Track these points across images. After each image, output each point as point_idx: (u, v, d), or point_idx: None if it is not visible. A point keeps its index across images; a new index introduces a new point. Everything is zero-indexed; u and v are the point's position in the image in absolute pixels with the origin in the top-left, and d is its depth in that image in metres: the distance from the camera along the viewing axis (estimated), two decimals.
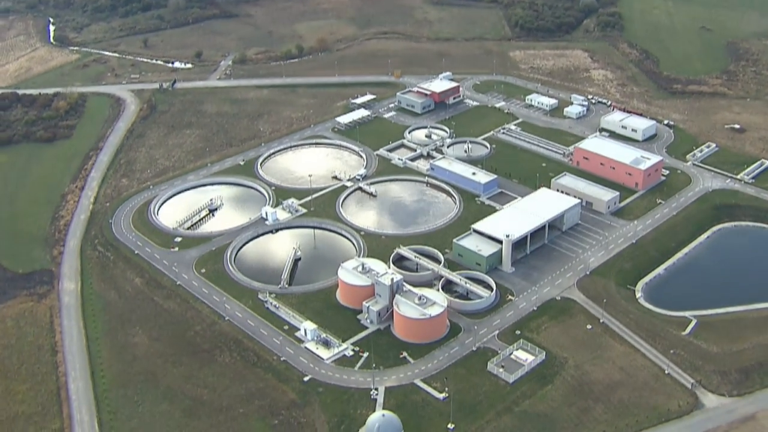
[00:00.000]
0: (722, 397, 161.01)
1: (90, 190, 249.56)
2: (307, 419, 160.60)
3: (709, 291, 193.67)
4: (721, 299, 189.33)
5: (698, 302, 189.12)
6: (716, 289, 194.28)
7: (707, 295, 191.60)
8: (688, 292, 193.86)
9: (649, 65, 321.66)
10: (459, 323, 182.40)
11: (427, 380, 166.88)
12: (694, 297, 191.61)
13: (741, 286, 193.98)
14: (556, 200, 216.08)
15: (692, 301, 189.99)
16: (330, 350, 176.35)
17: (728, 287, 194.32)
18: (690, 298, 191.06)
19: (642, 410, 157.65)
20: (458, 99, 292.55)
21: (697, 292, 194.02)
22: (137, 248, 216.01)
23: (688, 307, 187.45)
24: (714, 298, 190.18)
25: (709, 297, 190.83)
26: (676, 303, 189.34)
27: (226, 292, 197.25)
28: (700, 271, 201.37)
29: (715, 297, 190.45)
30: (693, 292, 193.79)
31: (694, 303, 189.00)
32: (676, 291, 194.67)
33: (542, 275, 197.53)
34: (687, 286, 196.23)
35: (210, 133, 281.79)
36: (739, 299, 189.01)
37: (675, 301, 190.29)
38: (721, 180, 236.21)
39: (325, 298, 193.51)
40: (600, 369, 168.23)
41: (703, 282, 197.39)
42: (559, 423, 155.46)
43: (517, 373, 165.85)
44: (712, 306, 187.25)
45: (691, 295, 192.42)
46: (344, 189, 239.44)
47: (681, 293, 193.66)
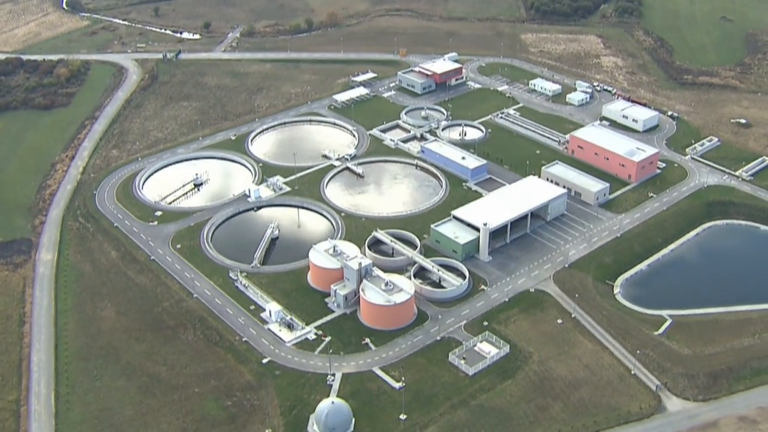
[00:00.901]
0: (686, 401, 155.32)
1: (80, 159, 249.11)
2: (260, 402, 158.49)
3: (690, 290, 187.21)
4: (700, 300, 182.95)
5: (677, 301, 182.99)
6: (697, 288, 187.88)
7: (687, 295, 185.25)
8: (668, 291, 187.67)
9: (662, 54, 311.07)
10: (427, 311, 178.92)
11: (385, 368, 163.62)
12: (674, 296, 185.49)
13: (723, 287, 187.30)
14: (543, 189, 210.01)
15: (671, 299, 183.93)
16: (292, 333, 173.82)
17: (710, 287, 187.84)
18: (669, 297, 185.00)
19: (601, 411, 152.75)
20: (460, 80, 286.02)
21: (677, 290, 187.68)
22: (117, 221, 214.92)
23: (666, 306, 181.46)
24: (694, 298, 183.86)
25: (688, 297, 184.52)
26: (654, 301, 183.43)
27: (198, 269, 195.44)
28: (683, 270, 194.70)
29: (695, 297, 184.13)
30: (673, 291, 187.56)
31: (672, 302, 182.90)
32: (656, 289, 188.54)
33: (519, 266, 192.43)
34: (668, 284, 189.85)
35: (207, 106, 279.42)
36: (719, 300, 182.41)
37: (653, 299, 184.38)
38: (718, 176, 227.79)
39: (296, 279, 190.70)
40: (564, 366, 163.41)
41: (685, 281, 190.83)
42: (515, 419, 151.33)
43: (478, 366, 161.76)
44: (691, 306, 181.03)
45: (670, 294, 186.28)
46: (332, 168, 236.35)
47: (660, 291, 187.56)
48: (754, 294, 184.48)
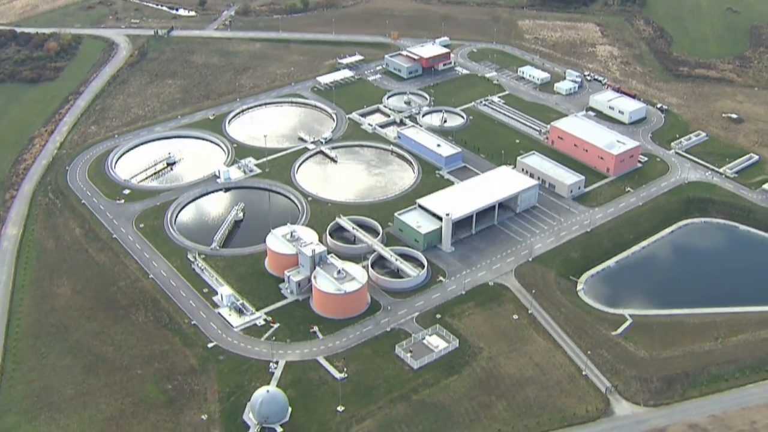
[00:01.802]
0: (636, 405, 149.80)
1: (59, 134, 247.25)
2: (200, 387, 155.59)
3: (656, 290, 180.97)
4: (666, 300, 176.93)
5: (641, 301, 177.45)
6: (664, 289, 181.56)
7: (652, 295, 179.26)
8: (634, 290, 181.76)
9: (660, 45, 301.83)
10: (381, 301, 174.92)
11: (330, 358, 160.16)
12: (639, 295, 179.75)
13: (692, 288, 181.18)
14: (514, 180, 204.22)
15: (635, 299, 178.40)
16: (241, 318, 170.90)
17: (678, 288, 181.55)
18: (633, 296, 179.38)
19: (546, 411, 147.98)
20: (449, 65, 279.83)
21: (642, 290, 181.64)
22: (85, 198, 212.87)
23: (629, 306, 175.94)
24: (659, 298, 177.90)
25: (654, 297, 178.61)
26: (617, 300, 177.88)
27: (158, 249, 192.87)
28: (652, 268, 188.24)
29: (660, 297, 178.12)
30: (638, 290, 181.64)
31: (636, 301, 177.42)
32: (621, 287, 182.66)
33: (481, 258, 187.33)
34: (634, 283, 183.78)
35: (191, 84, 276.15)
36: (685, 302, 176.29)
37: (617, 297, 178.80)
38: (701, 172, 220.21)
39: (254, 263, 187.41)
40: (514, 363, 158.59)
41: (652, 280, 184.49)
42: (455, 417, 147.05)
43: (424, 360, 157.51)
44: (655, 306, 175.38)
45: (635, 293, 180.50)
46: (306, 151, 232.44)
47: (625, 290, 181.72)
48: (723, 296, 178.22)
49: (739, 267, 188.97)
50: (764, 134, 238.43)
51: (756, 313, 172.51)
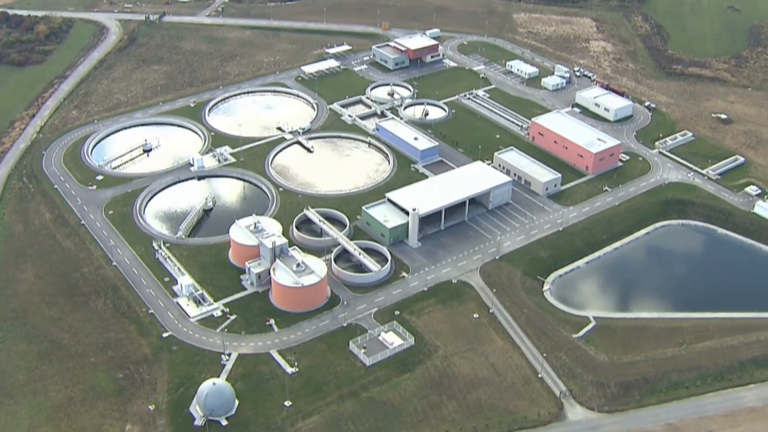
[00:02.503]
0: (590, 411, 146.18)
1: (40, 119, 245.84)
2: (151, 377, 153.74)
3: (625, 293, 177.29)
4: (633, 303, 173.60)
5: (607, 303, 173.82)
6: (633, 291, 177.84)
7: (620, 297, 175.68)
8: (601, 291, 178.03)
9: (656, 42, 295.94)
10: (341, 296, 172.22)
11: (283, 352, 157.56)
12: (606, 297, 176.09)
13: (662, 292, 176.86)
14: (487, 176, 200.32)
15: (601, 301, 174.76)
16: (199, 308, 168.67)
17: (647, 291, 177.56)
18: (600, 298, 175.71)
19: (496, 414, 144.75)
20: (437, 58, 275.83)
21: (610, 292, 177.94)
22: (58, 183, 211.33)
23: (595, 308, 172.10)
24: (627, 301, 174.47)
25: (621, 299, 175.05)
26: (583, 301, 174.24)
27: (124, 236, 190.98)
28: (623, 270, 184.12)
29: (628, 300, 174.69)
30: (606, 292, 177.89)
31: (602, 304, 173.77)
32: (589, 288, 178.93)
33: (448, 254, 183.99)
34: (603, 285, 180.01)
35: (176, 70, 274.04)
36: (653, 306, 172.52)
37: (583, 299, 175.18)
38: (683, 172, 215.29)
39: (217, 253, 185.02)
40: (469, 363, 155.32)
41: (621, 282, 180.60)
42: (403, 416, 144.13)
43: (377, 357, 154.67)
44: (621, 309, 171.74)
45: (602, 295, 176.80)
46: (283, 141, 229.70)
47: (593, 291, 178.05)
48: (693, 301, 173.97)
49: (713, 271, 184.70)
50: (752, 136, 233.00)
51: (724, 320, 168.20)
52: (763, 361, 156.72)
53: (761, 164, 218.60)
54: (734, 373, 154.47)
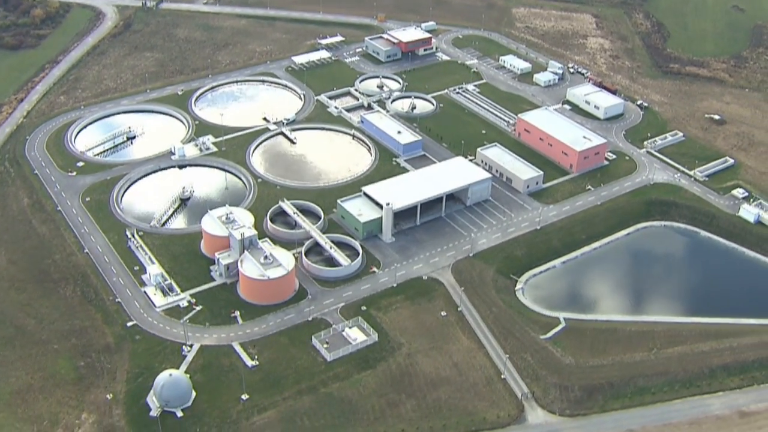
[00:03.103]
0: (551, 414, 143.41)
1: (28, 103, 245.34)
2: (112, 366, 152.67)
3: (599, 294, 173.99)
4: (606, 305, 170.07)
5: (580, 305, 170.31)
6: (608, 293, 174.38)
7: (594, 299, 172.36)
8: (575, 292, 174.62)
9: (655, 40, 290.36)
10: (309, 289, 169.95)
11: (245, 344, 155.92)
12: (579, 298, 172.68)
13: (637, 295, 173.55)
14: (467, 172, 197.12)
15: (574, 302, 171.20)
16: (165, 298, 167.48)
17: (622, 293, 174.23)
18: (573, 299, 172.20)
19: (455, 414, 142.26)
20: (429, 51, 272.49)
21: (585, 293, 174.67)
22: (39, 168, 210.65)
23: (567, 309, 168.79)
24: (600, 303, 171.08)
25: (595, 301, 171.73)
26: (556, 302, 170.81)
27: (99, 224, 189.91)
28: (599, 271, 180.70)
29: (601, 302, 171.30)
30: (580, 293, 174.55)
31: (575, 305, 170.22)
32: (562, 288, 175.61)
33: (421, 250, 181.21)
34: (577, 286, 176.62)
35: (168, 58, 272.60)
36: (627, 308, 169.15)
37: (556, 299, 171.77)
38: (670, 173, 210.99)
39: (190, 243, 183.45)
40: (432, 362, 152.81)
41: (597, 283, 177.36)
42: (359, 413, 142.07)
43: (339, 352, 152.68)
44: (594, 311, 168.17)
45: (576, 296, 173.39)
46: (266, 131, 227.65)
47: (566, 292, 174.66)
48: (668, 305, 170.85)
49: (691, 275, 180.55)
50: (745, 137, 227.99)
51: (698, 325, 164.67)
52: (734, 369, 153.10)
53: (751, 166, 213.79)
54: (703, 379, 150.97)
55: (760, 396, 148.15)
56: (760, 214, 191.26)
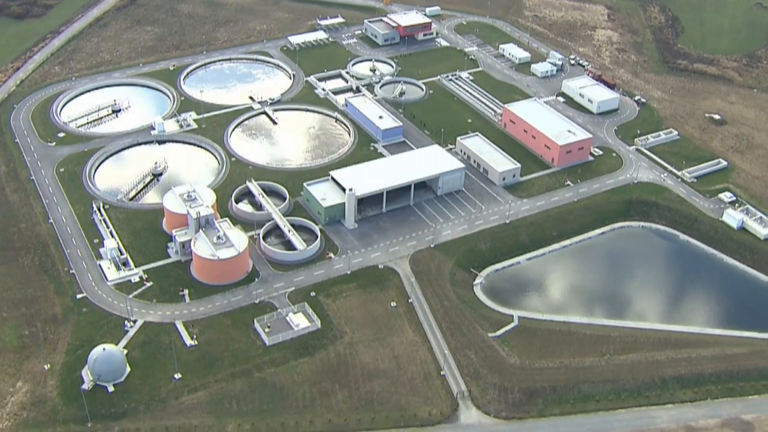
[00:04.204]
0: (486, 415, 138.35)
1: (24, 72, 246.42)
2: (54, 337, 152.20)
3: (560, 294, 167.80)
4: (565, 305, 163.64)
5: (538, 303, 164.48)
6: (570, 293, 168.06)
7: (554, 298, 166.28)
8: (535, 290, 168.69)
9: (667, 34, 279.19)
10: (261, 272, 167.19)
11: (187, 323, 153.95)
12: (538, 296, 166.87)
13: (600, 296, 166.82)
14: (440, 161, 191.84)
15: (532, 300, 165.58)
16: (118, 273, 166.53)
17: (584, 294, 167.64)
18: (532, 297, 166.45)
19: (386, 408, 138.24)
20: (429, 36, 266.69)
21: (545, 291, 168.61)
22: (20, 137, 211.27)
23: (523, 307, 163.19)
24: (559, 302, 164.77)
25: (554, 300, 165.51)
26: (513, 299, 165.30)
27: (68, 195, 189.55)
28: (566, 270, 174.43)
29: (561, 302, 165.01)
30: (540, 291, 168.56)
31: (532, 303, 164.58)
32: (523, 286, 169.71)
33: (382, 238, 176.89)
34: (539, 283, 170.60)
35: (167, 33, 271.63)
36: (586, 310, 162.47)
37: (514, 296, 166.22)
38: (656, 172, 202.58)
39: (153, 219, 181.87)
40: (372, 353, 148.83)
41: (561, 283, 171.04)
42: (289, 400, 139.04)
43: (278, 337, 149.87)
44: (551, 311, 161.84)
45: (535, 294, 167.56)
46: (250, 110, 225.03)
47: (526, 289, 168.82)
48: (631, 310, 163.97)
49: (662, 280, 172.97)
50: (743, 139, 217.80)
51: (659, 332, 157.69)
52: (688, 381, 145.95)
53: (744, 170, 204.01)
54: (653, 390, 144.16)
55: (711, 411, 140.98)
56: (744, 219, 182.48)
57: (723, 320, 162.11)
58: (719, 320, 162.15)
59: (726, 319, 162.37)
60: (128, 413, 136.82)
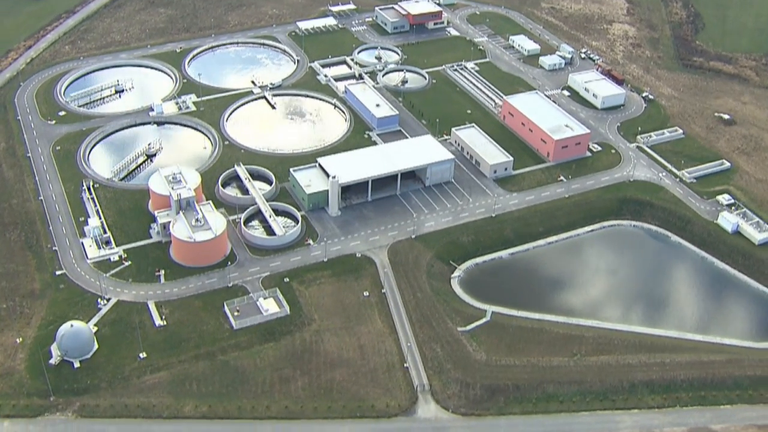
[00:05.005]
0: (444, 410, 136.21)
1: (35, 50, 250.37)
2: (30, 311, 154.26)
3: (539, 291, 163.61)
4: (541, 303, 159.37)
5: (514, 300, 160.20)
6: (550, 291, 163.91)
7: (532, 295, 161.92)
8: (514, 286, 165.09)
9: (686, 31, 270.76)
10: (238, 255, 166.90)
11: (159, 304, 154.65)
12: (517, 293, 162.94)
13: (578, 296, 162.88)
14: (429, 151, 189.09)
15: (509, 296, 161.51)
16: (98, 251, 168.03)
17: (564, 292, 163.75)
18: (510, 293, 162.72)
19: (344, 398, 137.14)
20: (440, 25, 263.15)
21: (524, 288, 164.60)
22: (22, 114, 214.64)
23: (500, 302, 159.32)
24: (536, 300, 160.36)
25: (531, 297, 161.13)
26: (490, 294, 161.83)
27: (61, 173, 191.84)
28: (548, 267, 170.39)
29: (538, 299, 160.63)
30: (518, 287, 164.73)
31: (508, 299, 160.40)
32: (502, 281, 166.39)
33: (363, 227, 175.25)
34: (519, 280, 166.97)
35: (179, 15, 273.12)
36: (563, 309, 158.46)
37: (491, 291, 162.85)
38: (655, 171, 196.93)
39: (140, 200, 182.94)
40: (338, 342, 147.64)
41: (542, 279, 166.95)
42: (249, 385, 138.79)
43: (246, 321, 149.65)
44: (527, 308, 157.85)
45: (514, 290, 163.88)
46: (250, 95, 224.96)
47: (505, 285, 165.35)
48: (610, 310, 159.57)
49: (646, 281, 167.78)
50: (751, 140, 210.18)
51: (635, 335, 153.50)
52: (658, 386, 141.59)
53: (748, 172, 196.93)
54: (620, 394, 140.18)
55: (679, 419, 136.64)
56: (739, 223, 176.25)
57: (705, 326, 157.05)
58: (701, 326, 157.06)
59: (708, 325, 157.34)
60: (90, 390, 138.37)
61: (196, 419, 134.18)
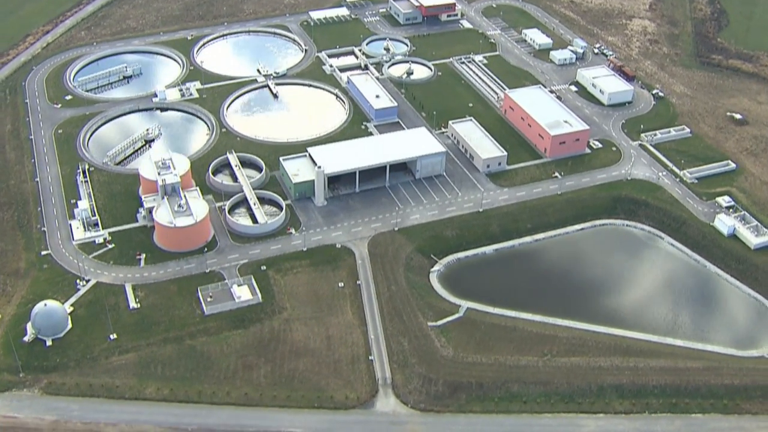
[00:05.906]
0: (403, 405, 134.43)
1: (52, 35, 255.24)
2: (12, 290, 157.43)
3: (518, 289, 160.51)
4: (520, 301, 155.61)
5: (492, 297, 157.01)
6: (529, 288, 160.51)
7: (510, 293, 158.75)
8: (493, 283, 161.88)
9: (708, 27, 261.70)
10: (220, 242, 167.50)
11: (136, 287, 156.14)
12: (495, 290, 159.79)
13: (560, 294, 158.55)
14: (421, 144, 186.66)
15: (488, 293, 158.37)
16: (84, 233, 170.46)
17: (543, 291, 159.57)
18: (488, 290, 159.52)
19: (304, 388, 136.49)
20: (453, 17, 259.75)
21: (504, 285, 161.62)
22: (31, 98, 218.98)
23: (475, 298, 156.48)
24: (514, 297, 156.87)
25: (510, 295, 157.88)
26: (467, 289, 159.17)
27: (60, 155, 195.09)
28: (531, 264, 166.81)
29: (515, 297, 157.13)
30: (498, 284, 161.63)
31: (485, 295, 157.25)
32: (482, 277, 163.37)
33: (348, 218, 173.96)
34: (499, 276, 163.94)
35: (196, 3, 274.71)
36: (542, 308, 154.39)
37: (470, 287, 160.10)
38: (655, 170, 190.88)
39: (132, 184, 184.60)
40: (307, 331, 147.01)
41: (523, 277, 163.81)
42: (213, 370, 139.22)
43: (217, 307, 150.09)
44: (503, 305, 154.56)
45: (492, 287, 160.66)
46: (254, 83, 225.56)
47: (485, 281, 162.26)
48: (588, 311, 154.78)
49: (632, 283, 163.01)
50: (761, 142, 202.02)
51: (611, 337, 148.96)
52: (628, 391, 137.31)
53: (754, 173, 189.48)
54: (587, 397, 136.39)
55: (645, 426, 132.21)
56: (736, 226, 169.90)
57: (687, 332, 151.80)
58: (683, 331, 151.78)
59: (691, 331, 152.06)
60: (59, 368, 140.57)
61: (157, 401, 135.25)
